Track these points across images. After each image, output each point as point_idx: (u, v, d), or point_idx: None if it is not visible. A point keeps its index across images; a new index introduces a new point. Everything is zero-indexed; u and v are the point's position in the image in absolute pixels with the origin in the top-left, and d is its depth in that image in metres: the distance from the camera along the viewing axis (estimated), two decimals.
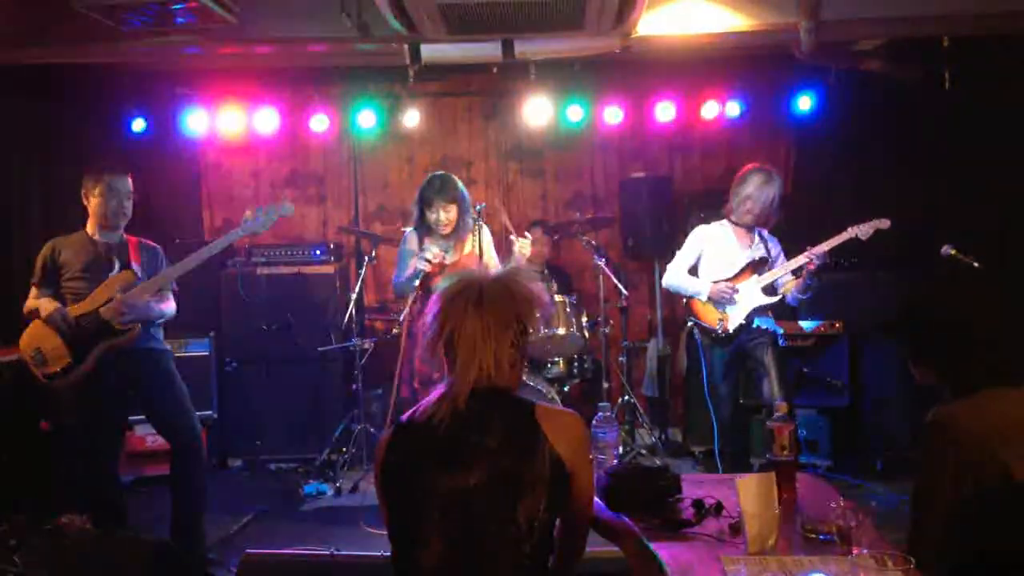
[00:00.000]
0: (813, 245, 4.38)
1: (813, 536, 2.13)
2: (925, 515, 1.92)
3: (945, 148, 5.51)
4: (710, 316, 4.51)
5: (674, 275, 4.65)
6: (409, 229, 4.52)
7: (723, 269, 4.55)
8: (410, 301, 4.31)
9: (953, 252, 4.29)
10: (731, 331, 4.46)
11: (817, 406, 5.27)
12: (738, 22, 4.56)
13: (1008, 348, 1.97)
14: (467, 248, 4.40)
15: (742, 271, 4.53)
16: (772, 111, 6.17)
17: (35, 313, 3.90)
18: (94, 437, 3.97)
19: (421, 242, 4.39)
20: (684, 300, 4.68)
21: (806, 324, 5.28)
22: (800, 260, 4.39)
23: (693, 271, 4.64)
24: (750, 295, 4.47)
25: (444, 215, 4.28)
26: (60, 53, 4.70)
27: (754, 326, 4.48)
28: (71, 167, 5.56)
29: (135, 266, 3.98)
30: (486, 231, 4.48)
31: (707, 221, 4.74)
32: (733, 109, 6.03)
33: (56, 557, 3.27)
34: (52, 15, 4.28)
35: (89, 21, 4.02)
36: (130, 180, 3.99)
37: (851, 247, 4.47)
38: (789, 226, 4.98)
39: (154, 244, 4.16)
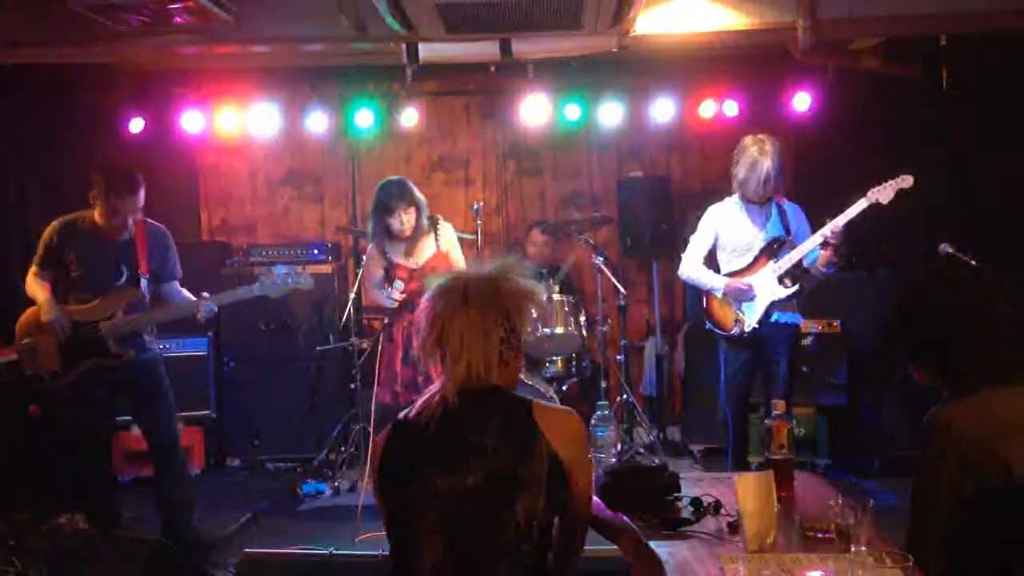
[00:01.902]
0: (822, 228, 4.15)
1: (812, 534, 2.13)
2: (924, 514, 1.92)
3: (943, 147, 5.51)
4: (727, 318, 4.35)
5: (690, 265, 4.46)
6: (370, 246, 4.55)
7: (739, 257, 4.36)
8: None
9: (951, 251, 4.28)
10: (747, 332, 4.30)
11: (816, 405, 5.27)
12: (736, 21, 4.56)
13: (1006, 347, 1.97)
14: (429, 250, 4.45)
15: (758, 258, 4.32)
16: (770, 110, 6.16)
17: (36, 305, 3.86)
18: (83, 437, 3.96)
19: (383, 254, 4.46)
20: (702, 298, 4.49)
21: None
22: (816, 239, 4.17)
23: (711, 255, 4.46)
24: (767, 289, 4.27)
25: (405, 218, 4.34)
26: (57, 53, 4.70)
27: (772, 321, 4.29)
28: (69, 167, 5.57)
29: (142, 278, 3.93)
30: (446, 228, 4.50)
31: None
32: (731, 108, 6.02)
33: (54, 557, 3.27)
34: (49, 15, 4.27)
35: (87, 21, 4.02)
36: (140, 195, 3.89)
37: (851, 246, 4.39)
38: None
39: (162, 228, 4.11)
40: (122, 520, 4.06)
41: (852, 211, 4.11)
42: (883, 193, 4.09)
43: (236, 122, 6.12)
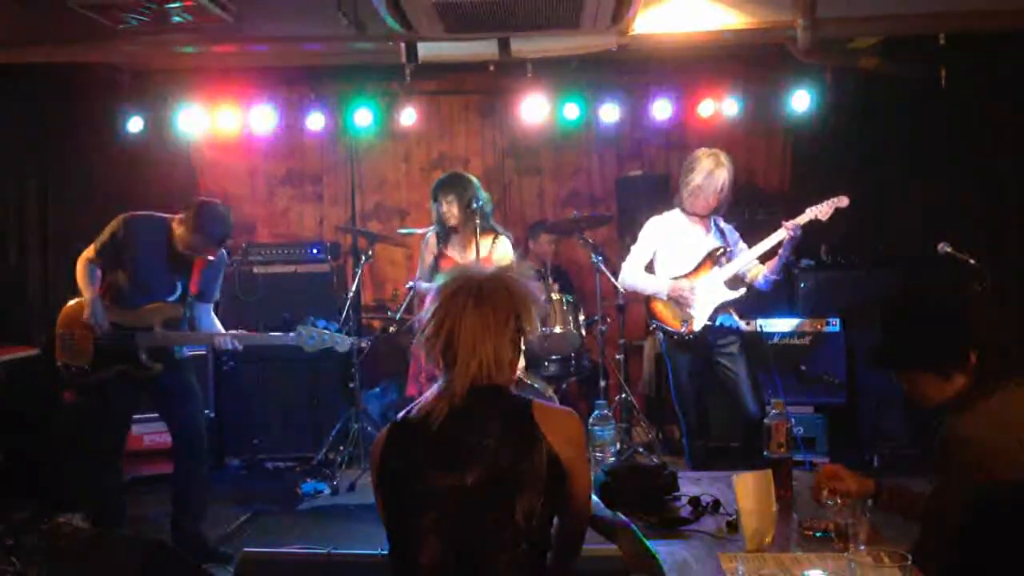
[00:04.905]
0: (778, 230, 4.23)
1: (810, 533, 2.14)
2: (936, 526, 1.90)
3: (942, 145, 5.52)
4: (673, 318, 4.34)
5: (630, 274, 4.47)
6: (429, 230, 4.62)
7: (681, 264, 4.37)
8: (416, 301, 4.43)
9: (950, 250, 4.28)
10: (696, 332, 4.29)
11: (814, 403, 5.28)
12: (735, 20, 4.57)
13: (1007, 345, 1.97)
14: (481, 252, 4.45)
15: (701, 264, 4.34)
16: (769, 109, 6.16)
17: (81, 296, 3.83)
18: (101, 435, 3.96)
19: (439, 242, 4.52)
20: (644, 303, 4.50)
21: (793, 320, 5.30)
22: (765, 245, 4.24)
23: (649, 267, 4.46)
24: (712, 291, 4.29)
25: (446, 208, 4.42)
26: (57, 52, 4.70)
27: (718, 325, 4.31)
28: (68, 166, 5.57)
29: (190, 298, 3.94)
30: (504, 243, 4.50)
31: (660, 212, 4.52)
32: (730, 107, 6.02)
33: (53, 557, 3.27)
34: (49, 14, 4.27)
35: (86, 20, 4.02)
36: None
37: (850, 245, 4.42)
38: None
39: (224, 255, 4.09)
40: (125, 520, 4.06)
41: (800, 220, 4.19)
42: (821, 210, 4.19)
43: (235, 121, 6.11)
